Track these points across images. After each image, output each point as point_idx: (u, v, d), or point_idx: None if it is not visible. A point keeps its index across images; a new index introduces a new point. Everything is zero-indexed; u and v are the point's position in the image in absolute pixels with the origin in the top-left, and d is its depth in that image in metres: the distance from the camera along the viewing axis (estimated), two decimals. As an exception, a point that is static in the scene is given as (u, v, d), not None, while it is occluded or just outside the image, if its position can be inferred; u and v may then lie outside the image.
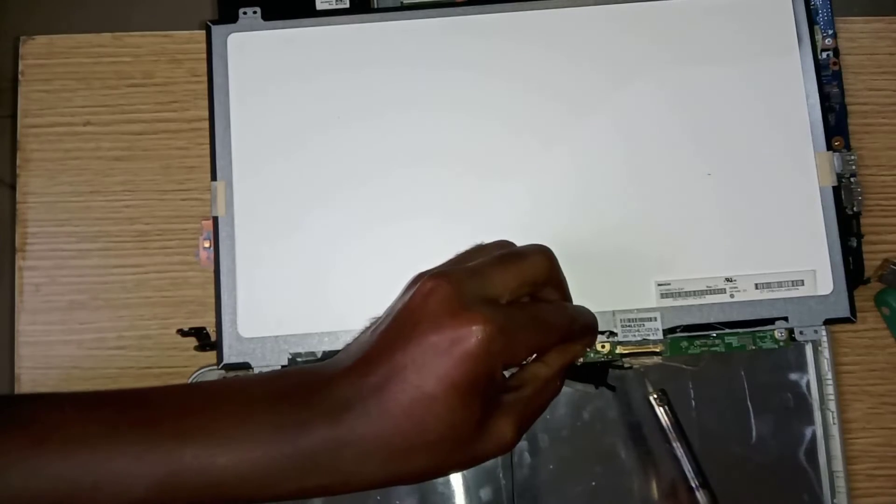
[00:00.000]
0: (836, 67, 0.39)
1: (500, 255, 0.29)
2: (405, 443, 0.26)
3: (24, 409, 0.26)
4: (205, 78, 0.38)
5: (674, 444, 0.36)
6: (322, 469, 0.26)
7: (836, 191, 0.37)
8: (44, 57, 0.40)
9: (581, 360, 0.36)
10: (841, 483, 0.36)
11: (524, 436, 0.30)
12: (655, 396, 0.36)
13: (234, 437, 0.25)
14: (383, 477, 0.26)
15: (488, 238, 0.33)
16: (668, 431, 0.36)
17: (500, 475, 0.37)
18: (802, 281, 0.36)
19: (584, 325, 0.31)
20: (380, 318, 0.30)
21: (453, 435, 0.26)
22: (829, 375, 0.37)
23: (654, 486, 0.36)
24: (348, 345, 0.30)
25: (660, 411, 0.36)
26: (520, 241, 0.36)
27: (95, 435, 0.25)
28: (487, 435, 0.27)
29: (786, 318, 0.36)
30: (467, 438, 0.27)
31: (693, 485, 0.35)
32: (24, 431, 0.25)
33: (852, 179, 0.38)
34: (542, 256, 0.30)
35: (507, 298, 0.28)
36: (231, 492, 0.25)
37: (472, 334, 0.26)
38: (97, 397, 0.27)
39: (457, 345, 0.26)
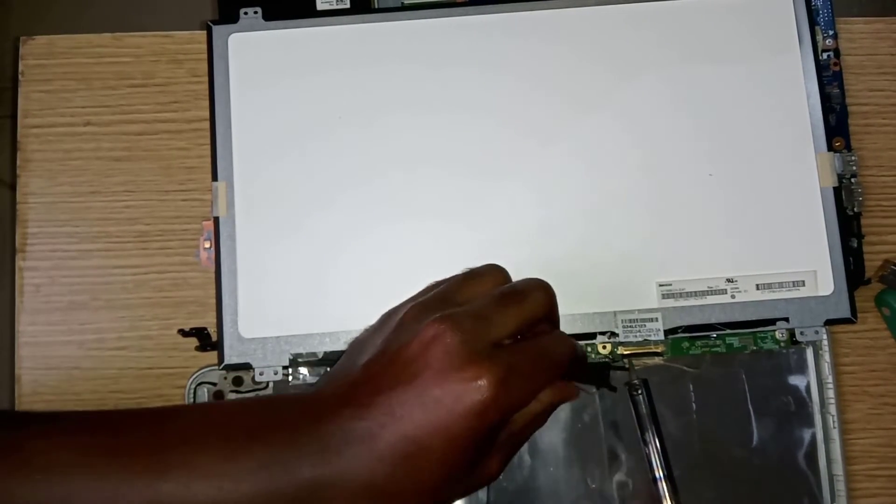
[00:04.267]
0: (837, 68, 0.39)
1: (500, 294, 0.28)
2: (395, 488, 0.26)
3: (11, 432, 0.26)
4: (205, 78, 0.38)
5: (644, 435, 0.36)
6: None
7: (837, 191, 0.37)
8: (44, 57, 0.40)
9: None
10: (841, 486, 0.36)
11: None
12: (635, 384, 0.36)
13: (216, 474, 0.25)
14: None
15: (490, 242, 0.33)
16: (640, 420, 0.36)
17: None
18: (803, 281, 0.36)
19: (581, 357, 0.30)
20: (365, 342, 0.29)
21: (445, 481, 0.26)
22: (830, 379, 0.37)
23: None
24: (332, 374, 0.29)
25: (635, 400, 0.36)
26: (523, 243, 0.36)
27: (73, 464, 0.25)
28: (477, 472, 0.27)
29: (787, 319, 0.36)
30: (457, 481, 0.27)
31: (657, 475, 0.35)
32: (5, 456, 0.25)
33: (853, 180, 0.38)
34: (543, 293, 0.29)
35: (507, 339, 0.27)
36: None
37: (478, 391, 0.25)
38: (80, 421, 0.26)
39: (461, 401, 0.25)
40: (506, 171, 0.37)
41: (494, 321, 0.27)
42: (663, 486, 0.34)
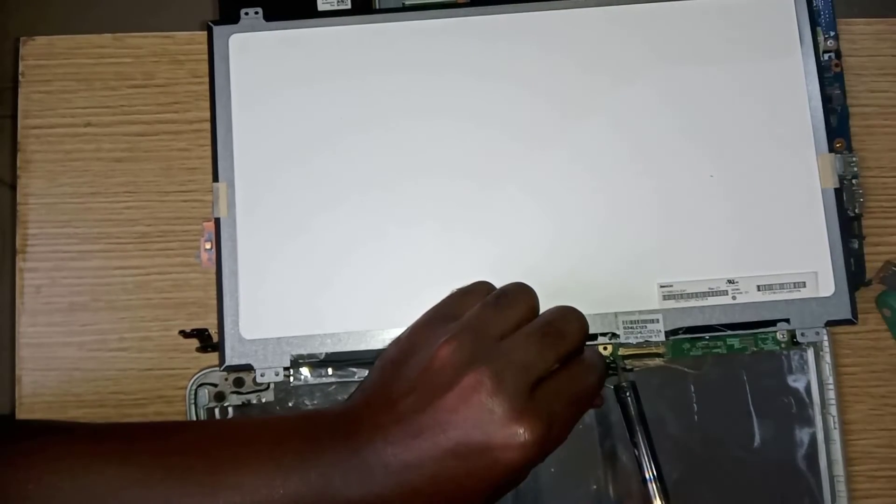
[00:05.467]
0: (838, 69, 0.39)
1: (538, 333, 0.28)
2: None
3: (61, 442, 0.26)
4: (206, 79, 0.38)
5: (633, 437, 0.35)
6: None
7: (838, 192, 0.37)
8: (44, 58, 0.40)
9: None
10: (842, 487, 0.36)
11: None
12: (623, 386, 0.36)
13: (265, 495, 0.26)
14: None
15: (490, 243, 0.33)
16: (629, 422, 0.36)
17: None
18: (804, 283, 0.36)
19: (605, 372, 0.31)
20: (398, 365, 0.30)
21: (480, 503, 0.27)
22: (831, 380, 0.37)
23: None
24: (367, 393, 0.30)
25: (623, 402, 0.36)
26: (525, 246, 0.36)
27: (129, 478, 0.26)
28: (509, 484, 0.28)
29: (787, 320, 0.36)
30: (491, 499, 0.28)
31: (646, 476, 0.35)
32: (62, 466, 0.25)
33: (854, 181, 0.38)
34: (577, 325, 0.29)
35: (544, 374, 0.28)
36: None
37: (520, 447, 0.26)
38: (133, 435, 0.27)
39: (503, 454, 0.26)
40: (507, 173, 0.37)
41: (533, 365, 0.27)
42: (653, 487, 0.34)
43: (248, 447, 0.27)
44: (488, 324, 0.29)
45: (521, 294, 0.30)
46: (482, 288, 0.33)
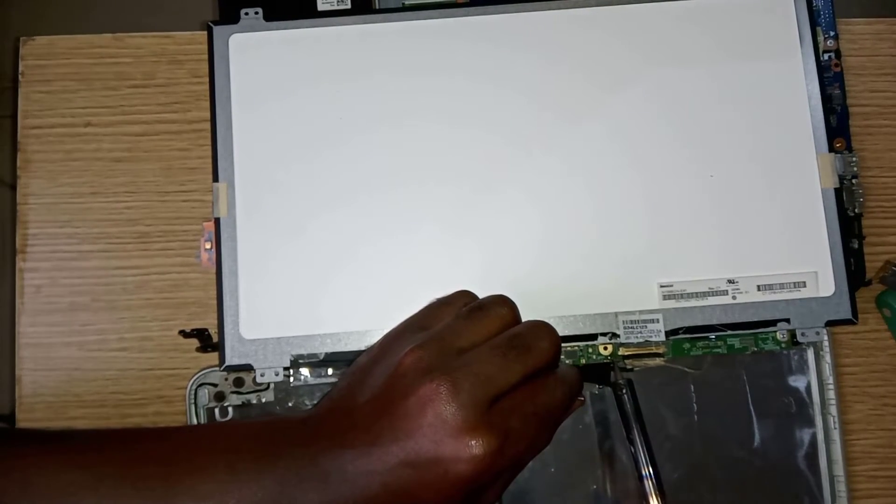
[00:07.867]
0: (838, 69, 0.39)
1: (505, 346, 0.28)
2: None
3: (15, 448, 0.26)
4: (206, 79, 0.38)
5: (630, 434, 0.35)
6: None
7: (838, 192, 0.37)
8: (44, 58, 0.40)
9: (583, 362, 0.36)
10: (842, 487, 0.36)
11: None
12: (619, 384, 0.36)
13: (223, 501, 0.25)
14: None
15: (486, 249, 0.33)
16: (625, 420, 0.36)
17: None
18: (804, 282, 0.36)
19: (578, 388, 0.30)
20: (365, 372, 0.29)
21: None
22: (831, 380, 0.37)
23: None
24: (333, 400, 0.30)
25: (620, 400, 0.36)
26: (525, 246, 0.36)
27: (81, 486, 0.25)
28: (469, 500, 0.27)
29: (787, 320, 0.36)
30: None
31: (642, 473, 0.35)
32: (13, 471, 0.25)
33: (854, 181, 0.38)
34: (548, 343, 0.28)
35: (507, 390, 0.27)
36: None
37: (471, 460, 0.25)
38: (88, 441, 0.27)
39: (454, 467, 0.25)
40: (506, 175, 0.37)
41: (495, 379, 0.27)
42: (649, 485, 0.34)
43: (204, 454, 0.27)
44: (457, 335, 0.28)
45: (496, 306, 0.30)
46: (461, 299, 0.32)
